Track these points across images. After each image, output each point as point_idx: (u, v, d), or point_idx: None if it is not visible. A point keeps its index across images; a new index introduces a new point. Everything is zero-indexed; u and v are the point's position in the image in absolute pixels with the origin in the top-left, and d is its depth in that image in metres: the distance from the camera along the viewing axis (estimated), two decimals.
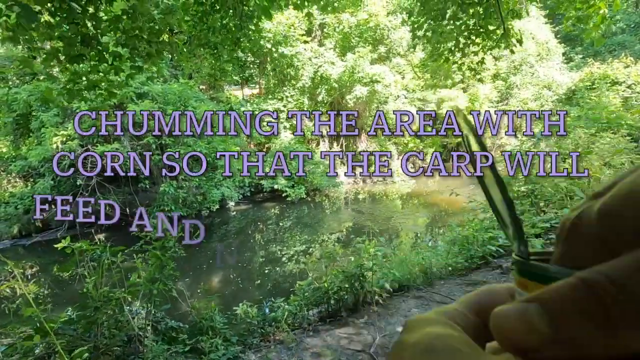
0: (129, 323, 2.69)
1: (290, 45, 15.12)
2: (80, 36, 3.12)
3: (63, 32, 3.14)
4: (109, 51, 3.52)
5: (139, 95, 9.81)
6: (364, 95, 15.22)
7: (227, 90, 18.34)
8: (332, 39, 18.08)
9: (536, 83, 19.37)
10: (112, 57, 3.59)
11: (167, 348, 2.45)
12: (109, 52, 3.51)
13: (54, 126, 9.16)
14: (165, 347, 2.53)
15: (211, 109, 11.24)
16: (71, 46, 3.27)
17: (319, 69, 15.75)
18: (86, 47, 3.23)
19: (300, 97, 16.17)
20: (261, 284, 7.10)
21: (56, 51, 3.24)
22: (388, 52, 19.05)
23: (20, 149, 10.67)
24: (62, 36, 3.18)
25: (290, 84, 16.50)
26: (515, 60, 19.52)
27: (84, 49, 3.23)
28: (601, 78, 11.16)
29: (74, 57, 3.29)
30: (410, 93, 18.94)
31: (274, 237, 10.04)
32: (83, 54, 3.32)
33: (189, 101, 10.81)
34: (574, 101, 10.26)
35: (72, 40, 3.22)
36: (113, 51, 3.58)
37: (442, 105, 18.44)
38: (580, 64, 22.12)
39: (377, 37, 18.44)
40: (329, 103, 16.85)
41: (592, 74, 13.20)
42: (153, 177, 10.54)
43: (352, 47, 16.97)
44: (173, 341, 2.64)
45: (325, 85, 15.85)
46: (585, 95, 8.17)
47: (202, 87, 16.77)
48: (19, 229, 10.78)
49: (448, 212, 11.67)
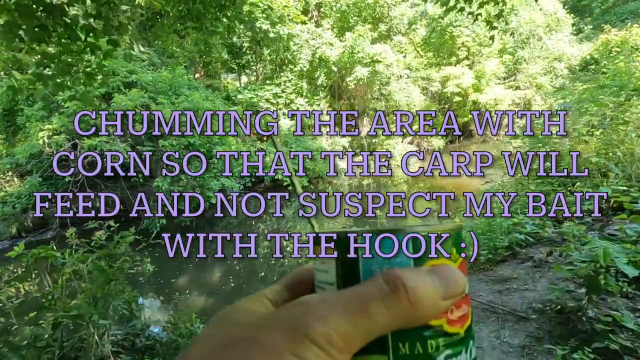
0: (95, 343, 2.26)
1: (286, 25, 14.38)
2: (42, 5, 2.62)
3: (19, 1, 2.64)
4: (79, 25, 3.01)
5: (127, 84, 9.28)
6: (365, 76, 14.53)
7: (224, 78, 17.75)
8: (330, 18, 17.29)
9: (545, 56, 18.45)
10: (85, 33, 3.09)
11: None
12: (78, 26, 3.00)
13: (39, 120, 8.70)
14: None
15: (205, 97, 10.69)
16: (30, 17, 2.77)
17: (316, 50, 15.06)
18: (49, 18, 2.72)
19: (298, 82, 15.53)
20: (265, 277, 6.78)
21: (13, 24, 2.73)
22: (389, 31, 18.23)
23: (14, 146, 10.28)
24: (17, 4, 2.67)
25: (287, 68, 15.84)
26: (523, 32, 18.58)
27: (47, 20, 2.72)
28: (620, 45, 10.40)
29: (36, 32, 2.79)
30: (413, 72, 18.17)
31: (277, 227, 9.69)
32: (45, 24, 2.82)
33: (181, 89, 10.26)
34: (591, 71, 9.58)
35: (30, 10, 2.72)
36: (84, 24, 3.07)
37: (447, 83, 17.66)
38: (590, 35, 21.08)
39: (377, 15, 17.61)
40: (328, 87, 16.21)
41: (610, 41, 12.39)
42: (150, 170, 10.11)
43: (351, 27, 16.19)
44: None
45: (324, 67, 15.18)
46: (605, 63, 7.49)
47: (197, 75, 16.21)
48: (17, 228, 10.54)
49: (457, 196, 11.18)
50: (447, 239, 0.23)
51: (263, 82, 15.96)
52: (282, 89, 15.35)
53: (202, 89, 11.92)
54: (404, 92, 16.99)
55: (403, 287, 0.19)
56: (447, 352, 0.21)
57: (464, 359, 0.22)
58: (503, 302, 2.20)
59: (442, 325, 0.22)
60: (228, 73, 18.15)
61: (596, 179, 3.98)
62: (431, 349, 0.21)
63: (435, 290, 0.20)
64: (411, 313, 0.20)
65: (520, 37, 18.76)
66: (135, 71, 9.75)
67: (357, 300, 0.19)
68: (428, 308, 0.20)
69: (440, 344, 0.21)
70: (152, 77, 9.96)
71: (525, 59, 18.56)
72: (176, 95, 9.99)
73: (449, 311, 0.22)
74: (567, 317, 1.89)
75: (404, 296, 0.19)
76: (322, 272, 0.24)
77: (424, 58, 19.76)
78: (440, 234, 0.23)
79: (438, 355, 0.21)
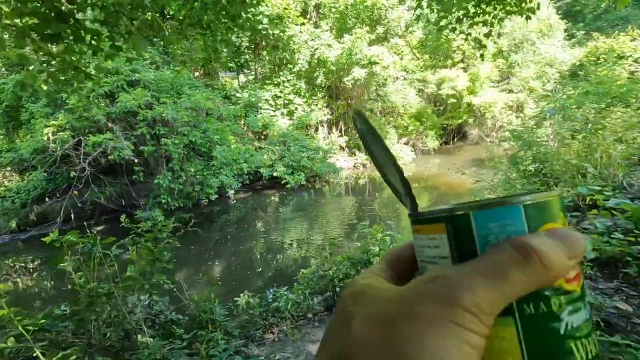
0: (124, 318, 2.54)
1: (287, 27, 14.64)
2: (55, 12, 2.86)
3: (36, 8, 2.88)
4: (86, 29, 3.25)
5: (130, 83, 9.49)
6: (362, 77, 14.84)
7: (222, 77, 17.92)
8: (329, 20, 17.56)
9: (538, 61, 18.92)
10: (90, 36, 3.32)
11: (164, 344, 2.32)
12: (86, 30, 3.24)
13: (44, 117, 8.88)
14: (163, 342, 2.39)
15: (206, 96, 10.91)
16: (46, 23, 3.00)
17: (315, 51, 15.33)
18: (62, 24, 2.96)
19: (297, 82, 15.80)
20: (262, 273, 6.97)
21: (28, 28, 2.97)
22: (386, 33, 18.55)
23: (14, 142, 10.42)
24: (35, 12, 2.91)
25: (286, 68, 16.09)
26: (517, 37, 19.03)
27: (60, 26, 2.96)
28: (607, 52, 10.82)
29: (49, 36, 3.02)
30: (409, 74, 18.53)
31: (274, 224, 9.89)
32: (59, 32, 3.06)
33: (183, 88, 10.48)
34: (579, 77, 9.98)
35: (46, 16, 2.96)
36: (91, 29, 3.31)
37: (442, 85, 18.05)
38: (582, 41, 21.60)
39: (375, 17, 17.92)
40: (326, 87, 16.49)
41: (597, 48, 12.82)
42: (150, 167, 10.32)
43: (349, 29, 16.48)
44: (170, 336, 2.50)
45: (323, 68, 15.45)
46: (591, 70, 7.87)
47: (196, 74, 16.38)
48: (17, 223, 10.68)
49: (452, 195, 11.54)
50: (552, 205, 0.24)
51: (262, 82, 16.19)
52: (280, 89, 15.61)
53: (202, 88, 12.14)
54: (400, 93, 17.34)
55: (535, 253, 0.21)
56: (569, 309, 0.23)
57: (584, 315, 0.24)
58: None
59: (562, 284, 0.23)
60: (226, 72, 18.32)
61: (576, 179, 4.32)
62: (555, 306, 0.22)
63: (562, 252, 0.22)
64: (545, 275, 0.21)
65: (513, 41, 19.22)
66: (137, 70, 9.95)
67: (497, 269, 0.21)
68: (559, 269, 0.22)
69: (562, 301, 0.23)
70: (155, 76, 10.17)
71: (519, 63, 19.02)
72: (178, 94, 10.21)
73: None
74: None
75: (538, 261, 0.21)
76: (431, 247, 0.26)
77: (420, 60, 20.14)
78: (546, 200, 0.24)
79: (562, 313, 0.23)
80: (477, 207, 0.24)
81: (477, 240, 0.23)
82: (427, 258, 0.27)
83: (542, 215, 0.24)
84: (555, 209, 0.24)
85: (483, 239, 0.23)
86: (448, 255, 0.24)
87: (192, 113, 9.77)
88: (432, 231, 0.25)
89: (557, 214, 0.24)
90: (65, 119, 8.66)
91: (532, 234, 0.23)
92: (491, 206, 0.23)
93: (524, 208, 0.23)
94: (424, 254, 0.27)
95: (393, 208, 10.87)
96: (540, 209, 0.24)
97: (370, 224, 3.83)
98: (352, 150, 16.79)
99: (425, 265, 0.27)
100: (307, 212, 11.05)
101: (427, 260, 0.27)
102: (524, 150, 5.33)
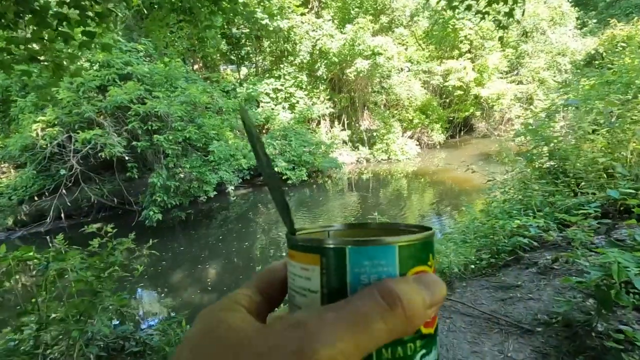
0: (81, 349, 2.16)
1: (287, 17, 14.10)
2: None
3: None
4: (50, 13, 2.85)
5: (122, 76, 9.08)
6: (366, 68, 14.29)
7: (223, 70, 17.46)
8: (330, 9, 16.96)
9: (549, 50, 18.16)
10: (57, 21, 2.92)
11: None
12: (49, 13, 2.84)
13: (33, 112, 8.52)
14: None
15: (202, 89, 10.48)
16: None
17: (317, 42, 14.79)
18: (14, 5, 2.56)
19: (298, 74, 15.29)
20: None
21: None
22: (390, 23, 17.91)
23: (8, 137, 10.12)
24: None
25: (287, 60, 15.58)
26: (527, 26, 18.26)
27: (12, 5, 2.56)
28: (626, 40, 10.18)
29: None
30: (414, 65, 17.90)
31: (276, 221, 9.59)
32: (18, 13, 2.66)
33: (178, 82, 10.05)
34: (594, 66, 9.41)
35: None
36: (56, 12, 2.91)
37: (448, 77, 17.41)
38: (595, 29, 20.73)
39: (378, 6, 17.28)
40: (328, 79, 15.98)
41: (615, 35, 12.15)
42: (148, 163, 9.97)
43: (352, 18, 15.87)
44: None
45: (325, 59, 14.92)
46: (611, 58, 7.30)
47: (195, 67, 15.95)
48: (14, 220, 10.48)
49: (458, 192, 11.09)
50: (425, 247, 0.24)
51: (263, 75, 15.71)
52: (281, 82, 15.11)
53: (200, 82, 11.70)
54: (405, 85, 16.76)
55: (400, 302, 0.21)
56: (422, 352, 0.23)
57: (434, 355, 0.24)
58: (507, 313, 2.10)
59: (420, 328, 0.23)
60: (227, 65, 17.86)
61: (601, 179, 3.86)
62: (410, 351, 0.23)
63: (425, 300, 0.22)
64: (406, 327, 0.21)
65: (523, 30, 18.45)
66: (130, 62, 9.54)
67: (358, 319, 0.20)
68: (420, 318, 0.22)
69: (417, 345, 0.23)
70: (149, 68, 9.75)
71: (528, 53, 18.28)
72: (173, 88, 9.79)
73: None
74: (575, 332, 1.79)
75: (401, 311, 0.21)
76: (302, 278, 0.24)
77: (425, 51, 19.47)
78: (420, 241, 0.24)
79: (416, 356, 0.23)
80: (354, 242, 0.23)
81: (348, 278, 0.23)
82: (297, 288, 0.25)
83: (414, 257, 0.24)
84: (427, 251, 0.25)
85: (355, 277, 0.23)
86: (318, 290, 0.24)
87: (187, 107, 9.34)
88: (306, 261, 0.24)
89: (427, 257, 0.25)
90: (55, 114, 8.30)
91: (401, 278, 0.23)
92: (367, 244, 0.23)
93: (398, 249, 0.23)
94: (295, 283, 0.26)
95: (397, 204, 10.50)
96: (413, 251, 0.24)
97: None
98: (355, 144, 16.32)
99: (295, 296, 0.26)
100: (309, 209, 10.73)
101: (297, 290, 0.25)
102: (539, 145, 4.86)
